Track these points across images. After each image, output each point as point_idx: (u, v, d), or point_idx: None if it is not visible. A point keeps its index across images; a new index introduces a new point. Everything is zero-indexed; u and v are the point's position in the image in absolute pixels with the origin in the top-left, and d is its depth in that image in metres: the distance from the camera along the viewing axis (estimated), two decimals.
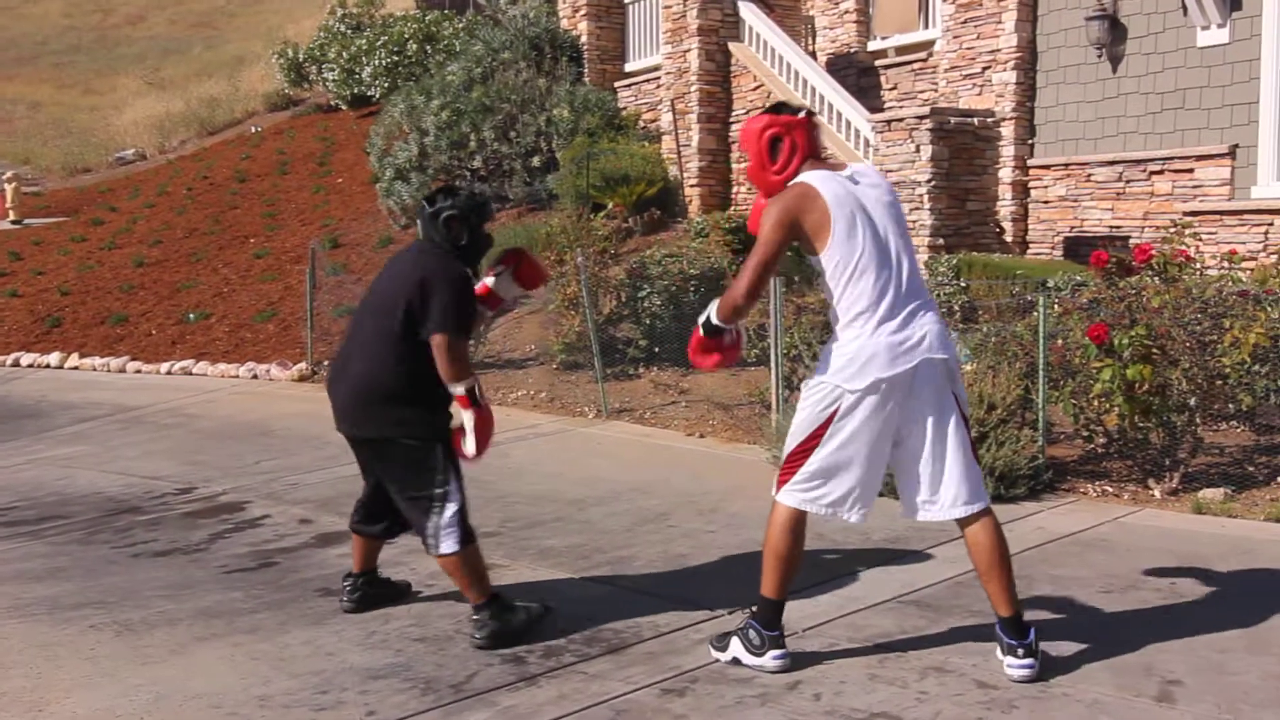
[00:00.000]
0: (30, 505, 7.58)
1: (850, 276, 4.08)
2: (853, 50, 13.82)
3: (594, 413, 9.80)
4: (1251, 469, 7.10)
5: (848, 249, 4.07)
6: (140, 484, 8.06)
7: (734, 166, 13.58)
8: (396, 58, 20.78)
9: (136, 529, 6.76)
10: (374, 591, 5.15)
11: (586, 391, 10.27)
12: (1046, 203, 11.27)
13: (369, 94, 21.67)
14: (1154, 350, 6.63)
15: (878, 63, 13.54)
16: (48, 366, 14.60)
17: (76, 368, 14.41)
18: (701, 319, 4.34)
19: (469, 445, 4.67)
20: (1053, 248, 11.15)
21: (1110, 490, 6.88)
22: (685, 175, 13.76)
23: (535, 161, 14.98)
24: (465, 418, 4.66)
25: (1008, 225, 11.35)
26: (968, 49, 11.67)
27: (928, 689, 4.03)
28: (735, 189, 13.51)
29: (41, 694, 4.23)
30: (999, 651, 4.17)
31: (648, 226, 13.24)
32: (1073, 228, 11.03)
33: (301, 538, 6.41)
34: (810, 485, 4.15)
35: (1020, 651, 4.08)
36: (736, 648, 4.29)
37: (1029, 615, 4.59)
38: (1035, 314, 7.26)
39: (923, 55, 12.88)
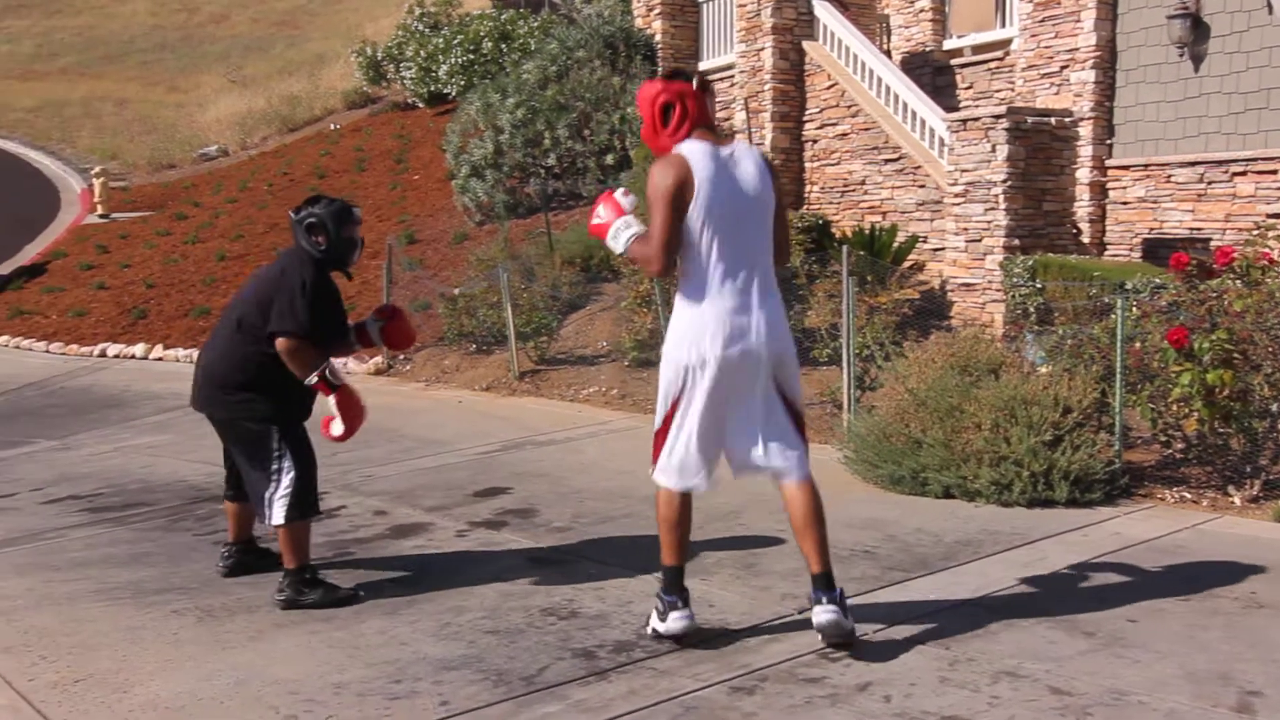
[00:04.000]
0: (116, 492, 7.79)
1: (695, 249, 4.20)
2: (928, 49, 13.72)
3: None
4: None
5: (701, 222, 4.17)
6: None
7: (807, 165, 13.54)
8: (473, 56, 20.98)
9: (217, 517, 6.91)
10: (248, 559, 5.68)
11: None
12: (1125, 204, 11.11)
13: (445, 92, 21.90)
14: (1235, 355, 6.51)
15: (953, 61, 13.42)
16: (133, 357, 14.98)
17: (161, 359, 14.76)
18: (617, 238, 4.34)
19: (335, 427, 5.10)
20: (1131, 249, 10.98)
21: (1188, 496, 6.77)
22: None
23: (609, 159, 15.06)
24: (330, 403, 5.09)
25: (1085, 226, 11.20)
26: (1046, 48, 11.53)
27: (1000, 693, 4.01)
28: (808, 187, 13.47)
29: (127, 675, 4.36)
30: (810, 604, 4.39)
31: None
32: (1151, 229, 10.86)
33: (376, 529, 6.52)
34: (664, 460, 4.41)
35: (824, 600, 4.29)
36: (653, 619, 4.57)
37: (1108, 622, 4.57)
38: (1113, 316, 7.16)
39: (999, 54, 12.75)
